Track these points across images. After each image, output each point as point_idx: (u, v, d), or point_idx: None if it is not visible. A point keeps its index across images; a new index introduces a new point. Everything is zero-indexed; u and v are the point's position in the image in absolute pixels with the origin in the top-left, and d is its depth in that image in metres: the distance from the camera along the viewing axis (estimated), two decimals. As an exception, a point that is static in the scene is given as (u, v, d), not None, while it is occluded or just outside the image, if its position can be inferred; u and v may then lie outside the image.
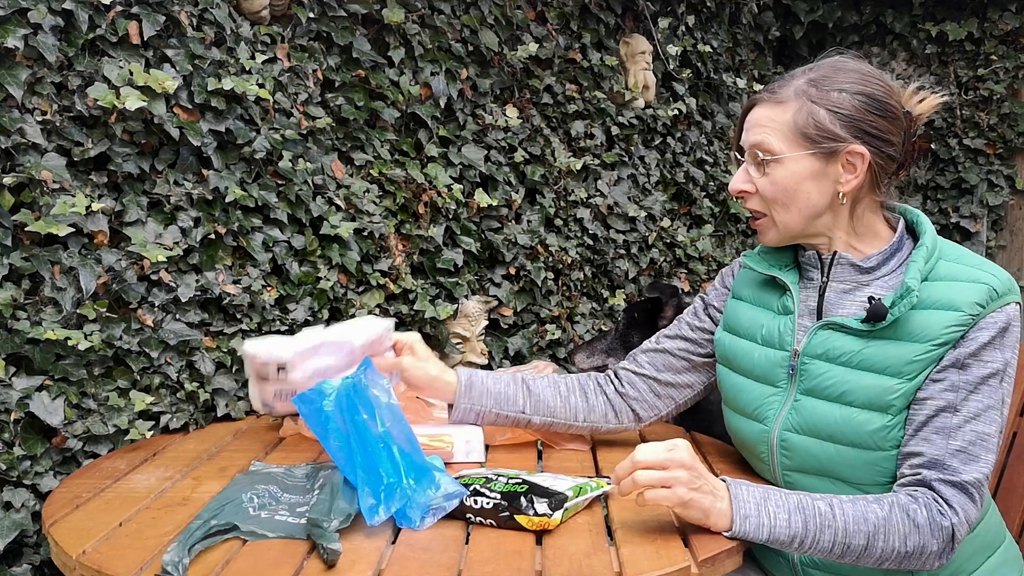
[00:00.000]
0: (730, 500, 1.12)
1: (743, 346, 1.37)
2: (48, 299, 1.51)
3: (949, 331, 1.17)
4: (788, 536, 1.12)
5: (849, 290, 1.29)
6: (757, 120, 1.27)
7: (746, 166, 1.29)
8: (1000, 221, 3.66)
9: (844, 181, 1.24)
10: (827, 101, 1.23)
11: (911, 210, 1.32)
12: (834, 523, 1.13)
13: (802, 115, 1.23)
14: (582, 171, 2.63)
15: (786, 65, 3.78)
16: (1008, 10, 3.48)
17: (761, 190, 1.27)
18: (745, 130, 1.30)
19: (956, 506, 1.14)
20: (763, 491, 1.15)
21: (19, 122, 1.47)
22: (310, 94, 1.93)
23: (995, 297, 1.18)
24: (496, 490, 1.16)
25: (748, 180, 1.29)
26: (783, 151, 1.24)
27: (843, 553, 1.14)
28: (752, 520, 1.11)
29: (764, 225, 1.31)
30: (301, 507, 1.19)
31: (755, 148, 1.27)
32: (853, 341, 1.24)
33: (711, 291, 1.51)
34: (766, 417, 1.31)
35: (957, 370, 1.17)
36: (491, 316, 2.35)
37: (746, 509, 1.12)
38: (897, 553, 1.14)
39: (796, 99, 1.24)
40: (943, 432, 1.16)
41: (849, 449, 1.22)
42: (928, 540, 1.13)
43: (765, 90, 1.29)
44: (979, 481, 1.15)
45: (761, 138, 1.25)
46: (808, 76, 1.26)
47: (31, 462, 1.48)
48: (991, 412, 1.17)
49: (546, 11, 2.52)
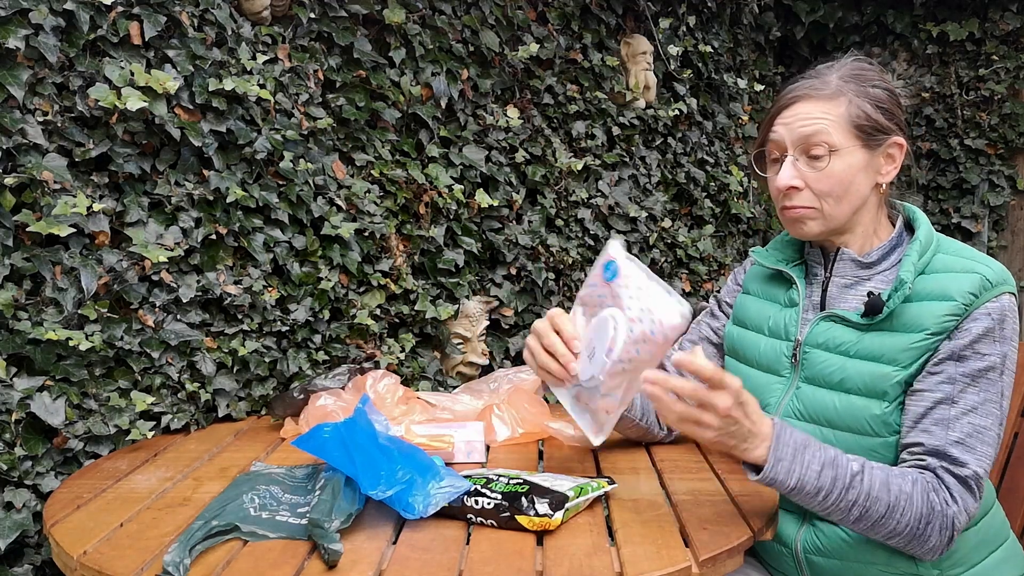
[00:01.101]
0: (772, 440, 1.11)
1: (750, 337, 1.41)
2: (49, 299, 1.51)
3: (943, 320, 1.19)
4: (815, 488, 1.12)
5: (850, 284, 1.32)
6: (807, 114, 1.27)
7: (792, 161, 1.28)
8: (1001, 221, 3.66)
9: (885, 172, 1.29)
10: (868, 95, 1.26)
11: (908, 206, 1.36)
12: (861, 485, 1.13)
13: (853, 108, 1.25)
14: (583, 171, 2.63)
15: (787, 65, 3.78)
16: (1009, 10, 3.48)
17: (814, 184, 1.27)
18: (785, 126, 1.28)
19: (956, 496, 1.16)
20: (804, 438, 1.14)
21: (20, 123, 1.47)
22: (311, 94, 1.93)
23: (988, 287, 1.20)
24: (497, 490, 1.16)
25: (797, 175, 1.28)
26: (841, 144, 1.25)
27: (861, 516, 1.14)
28: (784, 464, 1.11)
29: (808, 216, 1.29)
30: (302, 507, 1.19)
31: (809, 140, 1.26)
32: (852, 332, 1.27)
33: (724, 290, 1.55)
34: (768, 404, 1.34)
35: (954, 362, 1.19)
36: (492, 316, 2.35)
37: (782, 452, 1.11)
38: (910, 530, 1.14)
39: (843, 94, 1.26)
40: (942, 423, 1.18)
41: (847, 435, 1.25)
42: (936, 526, 1.15)
43: (802, 88, 1.29)
44: (977, 474, 1.16)
45: (817, 129, 1.25)
46: (840, 73, 1.28)
47: (32, 462, 1.48)
48: (988, 406, 1.19)
49: (547, 11, 2.52)
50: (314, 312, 1.89)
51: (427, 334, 2.16)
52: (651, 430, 1.49)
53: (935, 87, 3.63)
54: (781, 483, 1.12)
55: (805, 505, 1.16)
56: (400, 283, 2.08)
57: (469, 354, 2.24)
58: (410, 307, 2.10)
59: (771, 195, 1.35)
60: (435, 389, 2.13)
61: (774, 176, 1.31)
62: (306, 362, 1.87)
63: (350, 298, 1.98)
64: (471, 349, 2.24)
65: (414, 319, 2.11)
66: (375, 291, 2.03)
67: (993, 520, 1.33)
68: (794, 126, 1.27)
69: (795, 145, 1.28)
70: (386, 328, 2.07)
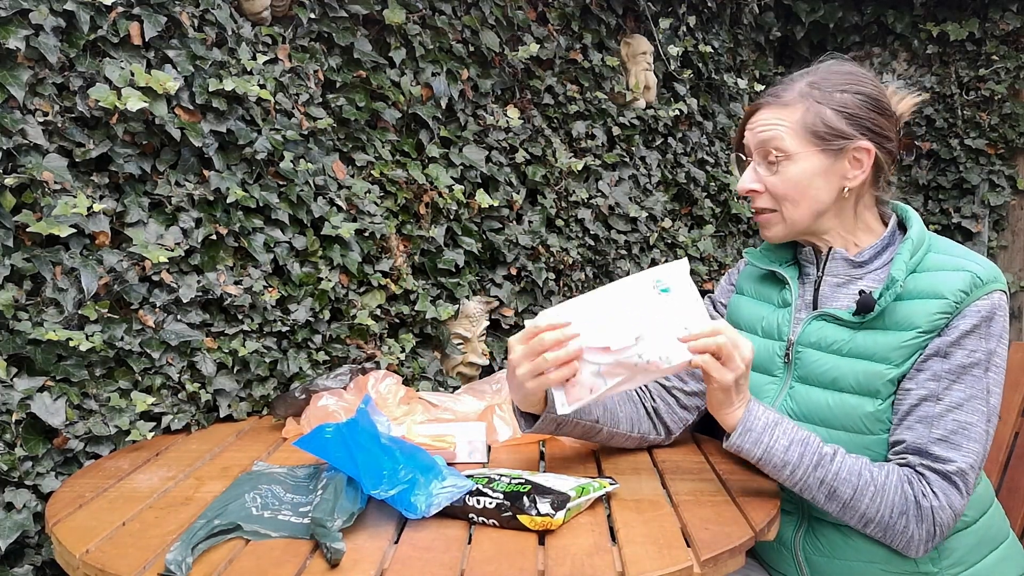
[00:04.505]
0: (744, 410, 1.20)
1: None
2: (49, 300, 1.51)
3: (935, 318, 1.20)
4: (781, 461, 1.19)
5: (842, 284, 1.33)
6: (764, 121, 1.31)
7: (754, 166, 1.33)
8: (1002, 221, 3.65)
9: (851, 177, 1.29)
10: (831, 101, 1.28)
11: (901, 206, 1.37)
12: (829, 466, 1.19)
13: (810, 115, 1.28)
14: (583, 171, 2.63)
15: (787, 65, 3.78)
16: (1009, 10, 3.48)
17: (771, 188, 1.31)
18: (750, 131, 1.33)
19: (937, 491, 1.17)
20: (777, 417, 1.22)
21: (21, 123, 1.47)
22: (311, 95, 1.93)
23: (979, 285, 1.21)
24: (498, 490, 1.15)
25: (756, 179, 1.33)
26: (794, 149, 1.28)
27: (828, 496, 1.19)
28: (752, 435, 1.19)
29: (771, 220, 1.34)
30: (304, 507, 1.19)
31: (765, 146, 1.30)
32: (844, 331, 1.29)
33: (718, 290, 1.56)
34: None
35: (940, 359, 1.20)
36: (492, 317, 2.35)
37: (752, 423, 1.19)
38: (880, 518, 1.18)
39: (802, 100, 1.29)
40: (925, 421, 1.20)
41: (841, 433, 1.27)
42: (912, 518, 1.17)
43: (767, 94, 1.34)
44: (962, 470, 1.17)
45: (771, 135, 1.29)
46: (808, 79, 1.31)
47: (32, 463, 1.48)
48: (974, 402, 1.19)
49: (547, 11, 2.52)
50: (314, 312, 1.89)
51: (427, 334, 2.16)
52: (647, 437, 1.49)
53: (935, 87, 3.63)
54: (748, 452, 1.20)
55: (776, 478, 1.23)
56: (400, 283, 2.08)
57: (469, 354, 2.24)
58: (410, 307, 2.10)
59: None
60: (435, 389, 2.13)
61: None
62: (306, 362, 1.87)
63: (350, 298, 1.98)
64: (471, 349, 2.24)
65: (414, 319, 2.11)
66: (375, 291, 2.03)
67: (992, 519, 1.33)
68: (756, 131, 1.32)
69: (756, 150, 1.32)
70: (386, 328, 2.07)
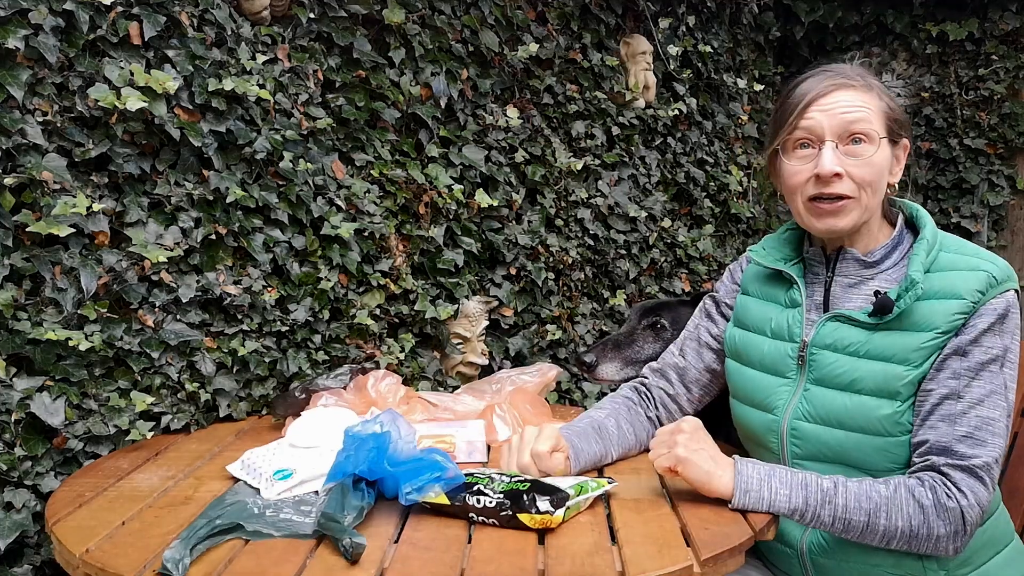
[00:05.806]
0: (734, 473, 1.20)
1: (753, 339, 1.40)
2: (49, 300, 1.51)
3: (953, 318, 1.20)
4: (788, 509, 1.19)
5: (854, 284, 1.31)
6: (849, 102, 1.25)
7: (833, 148, 1.25)
8: (1001, 221, 3.65)
9: (894, 172, 1.30)
10: (888, 95, 1.28)
11: (909, 204, 1.35)
12: (835, 499, 1.18)
13: (884, 104, 1.27)
14: (583, 171, 2.63)
15: (786, 65, 3.77)
16: (1009, 10, 3.48)
17: (855, 172, 1.24)
18: (826, 113, 1.25)
19: (965, 489, 1.16)
20: (769, 468, 1.22)
21: (20, 123, 1.47)
22: (311, 95, 1.93)
23: (994, 284, 1.21)
24: (498, 489, 1.15)
25: (839, 162, 1.25)
26: (881, 134, 1.26)
27: (845, 528, 1.19)
28: (753, 494, 1.19)
29: (848, 207, 1.26)
30: (305, 506, 1.19)
31: (851, 128, 1.24)
32: (860, 332, 1.26)
33: (721, 288, 1.53)
34: (775, 407, 1.33)
35: (959, 358, 1.20)
36: (492, 316, 2.35)
37: (747, 484, 1.19)
38: (902, 533, 1.17)
39: (873, 88, 1.27)
40: (948, 419, 1.18)
41: (859, 435, 1.24)
42: (934, 522, 1.16)
43: (837, 78, 1.27)
44: (988, 464, 1.17)
45: (861, 116, 1.24)
46: (861, 71, 1.29)
47: (32, 463, 1.48)
48: (994, 397, 1.19)
49: (546, 11, 2.52)
50: (314, 312, 1.89)
51: (427, 334, 2.16)
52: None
53: (935, 87, 3.63)
54: (753, 509, 1.20)
55: (791, 520, 1.22)
56: (400, 283, 2.08)
57: (469, 354, 2.24)
58: (410, 307, 2.10)
59: (789, 188, 1.29)
60: (435, 389, 2.13)
61: (802, 166, 1.27)
62: (306, 362, 1.87)
63: (350, 298, 1.98)
64: (471, 349, 2.24)
65: (414, 319, 2.11)
66: (375, 291, 2.03)
67: (998, 521, 1.33)
68: (835, 111, 1.24)
69: (835, 132, 1.24)
70: (386, 328, 2.07)
